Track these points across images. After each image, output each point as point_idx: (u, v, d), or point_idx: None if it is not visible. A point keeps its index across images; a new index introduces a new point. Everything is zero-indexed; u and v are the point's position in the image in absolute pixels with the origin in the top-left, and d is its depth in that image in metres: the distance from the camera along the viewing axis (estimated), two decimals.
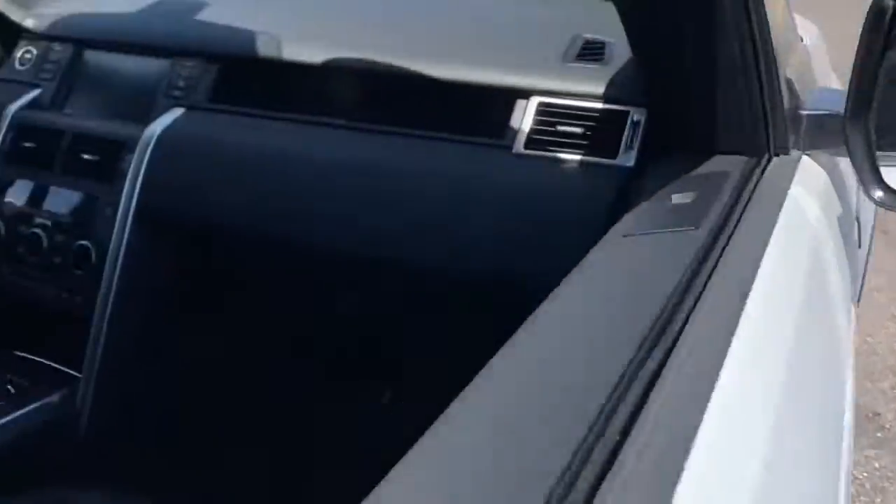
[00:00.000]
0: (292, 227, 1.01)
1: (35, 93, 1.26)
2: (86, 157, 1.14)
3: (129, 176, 1.09)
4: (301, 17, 1.16)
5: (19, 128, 1.21)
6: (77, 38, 1.26)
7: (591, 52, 0.99)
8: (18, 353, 1.21)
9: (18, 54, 1.31)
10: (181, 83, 1.15)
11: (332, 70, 1.07)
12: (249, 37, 1.12)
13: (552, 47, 1.01)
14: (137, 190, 1.08)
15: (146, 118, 1.15)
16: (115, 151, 1.12)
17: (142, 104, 1.19)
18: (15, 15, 1.31)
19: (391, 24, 1.11)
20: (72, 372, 1.15)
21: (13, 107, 1.23)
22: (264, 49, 1.10)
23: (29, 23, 1.31)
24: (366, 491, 0.37)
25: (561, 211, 0.90)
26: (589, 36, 1.02)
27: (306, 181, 1.01)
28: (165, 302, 1.18)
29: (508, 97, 0.97)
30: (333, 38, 1.09)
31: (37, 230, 1.14)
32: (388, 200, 0.97)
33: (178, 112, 1.12)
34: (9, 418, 1.05)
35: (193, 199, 1.06)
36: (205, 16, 1.20)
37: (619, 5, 0.78)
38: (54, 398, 1.11)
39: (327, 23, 1.13)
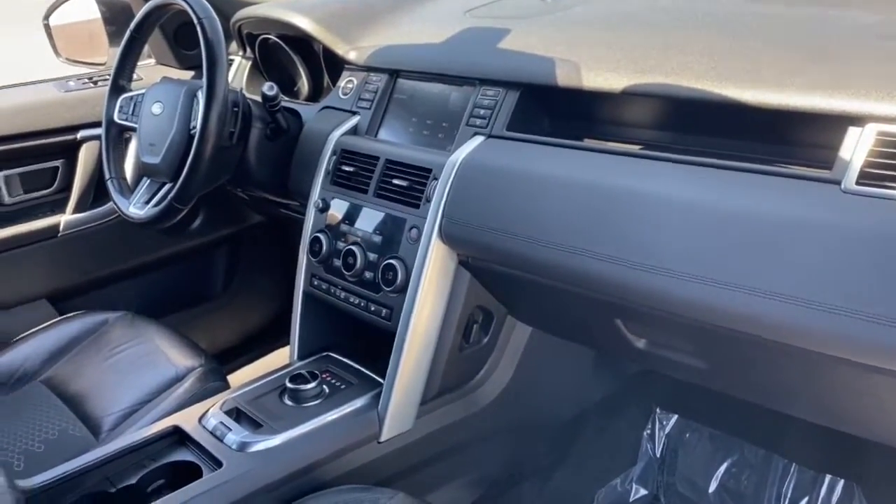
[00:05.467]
0: (582, 259, 0.98)
1: (354, 120, 1.38)
2: (396, 182, 1.22)
3: (434, 200, 1.15)
4: (602, 44, 1.13)
5: (342, 151, 1.34)
6: (391, 68, 1.37)
7: None
8: (333, 355, 1.35)
9: (342, 84, 1.45)
10: (482, 112, 1.19)
11: (631, 96, 1.03)
12: (547, 64, 1.12)
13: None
14: (440, 214, 1.14)
15: (449, 145, 1.21)
16: (421, 177, 1.19)
17: (445, 130, 1.25)
18: (340, 49, 1.46)
19: (695, 44, 1.03)
20: (376, 377, 1.25)
21: (337, 132, 1.37)
22: (564, 76, 1.10)
23: (351, 55, 1.44)
24: None
25: None
26: None
27: (601, 212, 0.98)
28: (466, 322, 1.23)
29: (836, 124, 0.86)
30: (635, 62, 1.04)
31: (353, 247, 1.25)
32: (684, 236, 0.90)
33: (478, 140, 1.16)
34: (319, 423, 1.16)
35: (490, 224, 1.08)
36: (507, 44, 1.22)
37: None
38: (359, 402, 1.22)
39: (628, 48, 1.09)
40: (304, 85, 1.70)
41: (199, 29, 1.31)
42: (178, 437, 1.18)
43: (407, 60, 1.35)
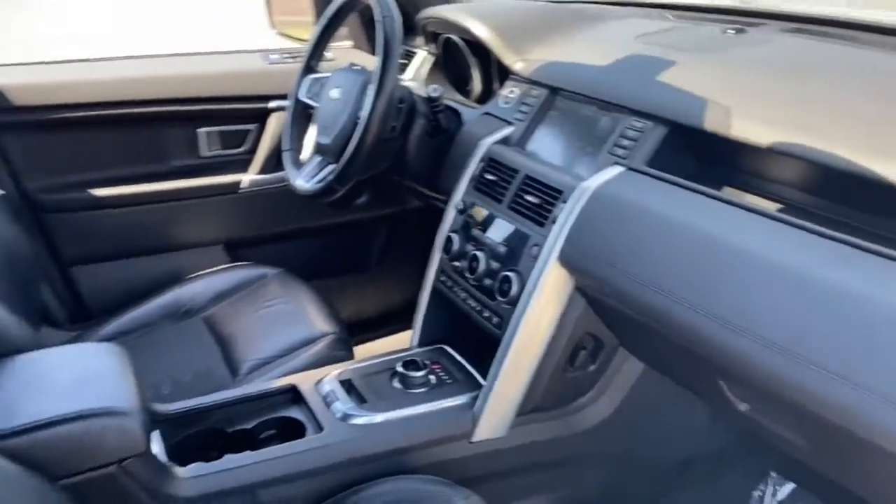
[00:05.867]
0: (690, 313, 0.95)
1: (508, 130, 1.42)
2: (528, 197, 1.25)
3: (559, 222, 1.17)
4: (762, 92, 1.09)
5: (489, 159, 1.39)
6: (551, 84, 1.39)
7: None
8: (447, 349, 1.41)
9: (504, 93, 1.50)
10: (625, 142, 1.18)
11: (776, 154, 0.99)
12: (700, 105, 1.10)
13: None
14: (563, 237, 1.16)
15: (588, 170, 1.22)
16: (552, 197, 1.21)
17: (588, 154, 1.26)
18: (508, 59, 1.50)
19: (862, 109, 0.97)
20: (479, 379, 1.30)
21: (489, 140, 1.42)
22: (712, 120, 1.07)
23: (518, 66, 1.48)
24: None
25: None
26: None
27: (721, 270, 0.93)
28: (574, 346, 1.24)
29: None
30: (789, 119, 1.00)
31: (478, 253, 1.30)
32: (809, 318, 0.83)
33: (615, 171, 1.16)
34: (418, 410, 1.23)
35: (607, 257, 1.08)
36: (665, 77, 1.20)
37: None
38: (460, 400, 1.27)
39: (788, 101, 1.04)
40: (476, 87, 1.76)
41: (378, 26, 1.41)
42: (293, 395, 1.30)
43: (567, 79, 1.37)
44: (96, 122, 1.81)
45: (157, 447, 1.17)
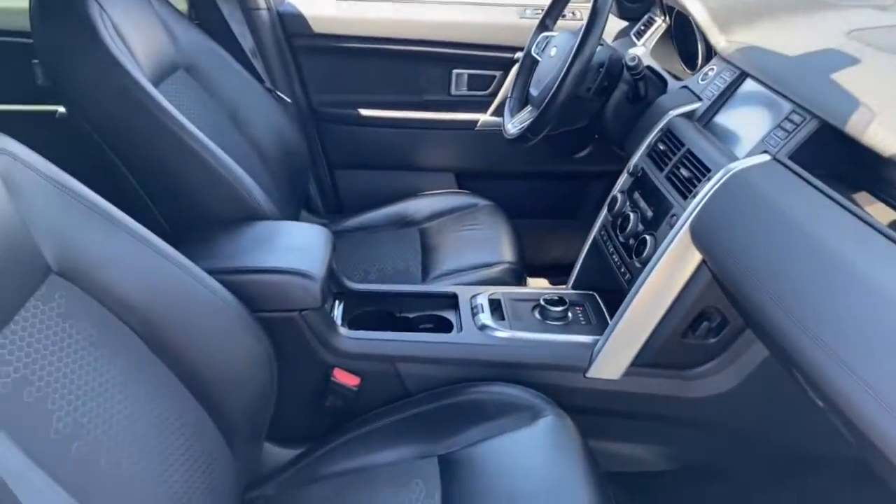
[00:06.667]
0: (782, 314, 0.96)
1: (694, 105, 1.50)
2: (682, 171, 1.34)
3: (697, 198, 1.25)
4: None
5: (667, 130, 1.48)
6: (741, 67, 1.43)
7: None
8: (596, 296, 1.56)
9: (705, 69, 1.56)
10: (780, 133, 1.21)
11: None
12: (851, 106, 1.10)
13: None
14: (696, 211, 1.24)
15: (742, 153, 1.27)
16: (699, 174, 1.29)
17: (748, 139, 1.30)
18: (714, 38, 1.55)
19: None
20: (608, 319, 1.45)
21: (673, 112, 1.51)
22: (853, 122, 1.07)
23: (721, 45, 1.52)
24: None
25: None
26: None
27: (824, 281, 0.92)
28: (696, 316, 1.34)
29: None
30: None
31: (631, 214, 1.43)
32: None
33: (760, 158, 1.21)
34: (544, 338, 1.42)
35: (725, 237, 1.16)
36: (840, 76, 1.18)
37: None
38: (586, 339, 1.43)
39: None
40: (700, 60, 1.81)
41: None
42: (454, 300, 1.56)
43: (755, 64, 1.40)
44: (372, 54, 2.19)
45: (337, 312, 1.51)
